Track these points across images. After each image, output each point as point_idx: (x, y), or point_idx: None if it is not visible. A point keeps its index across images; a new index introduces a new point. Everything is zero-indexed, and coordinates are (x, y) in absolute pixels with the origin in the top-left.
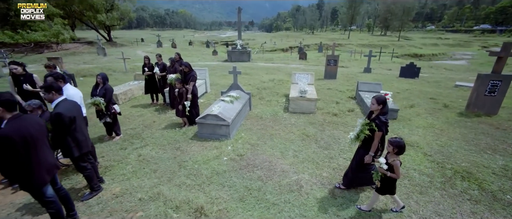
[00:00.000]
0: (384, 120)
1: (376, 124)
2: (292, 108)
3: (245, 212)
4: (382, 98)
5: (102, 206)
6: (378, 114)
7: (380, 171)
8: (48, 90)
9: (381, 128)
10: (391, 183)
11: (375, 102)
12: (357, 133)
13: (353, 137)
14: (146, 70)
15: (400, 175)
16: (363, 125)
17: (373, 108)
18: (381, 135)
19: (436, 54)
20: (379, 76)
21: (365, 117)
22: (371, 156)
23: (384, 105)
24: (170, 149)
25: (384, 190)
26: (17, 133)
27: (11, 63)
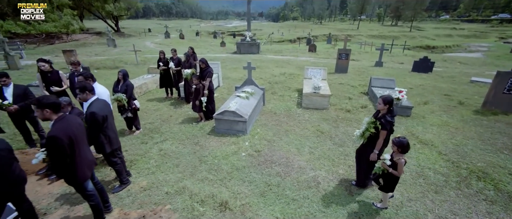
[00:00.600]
0: (389, 120)
1: (381, 123)
2: (305, 103)
3: (266, 207)
4: (388, 98)
5: (132, 199)
6: (384, 113)
7: (383, 166)
8: (82, 90)
9: (386, 127)
10: (393, 180)
11: (381, 102)
12: (363, 131)
13: (359, 134)
14: (161, 65)
15: (401, 173)
16: (368, 123)
17: (379, 108)
18: (385, 133)
19: (449, 46)
20: (391, 70)
21: (372, 115)
22: (376, 153)
23: (391, 105)
24: (189, 144)
25: (387, 188)
26: (64, 133)
27: (39, 60)
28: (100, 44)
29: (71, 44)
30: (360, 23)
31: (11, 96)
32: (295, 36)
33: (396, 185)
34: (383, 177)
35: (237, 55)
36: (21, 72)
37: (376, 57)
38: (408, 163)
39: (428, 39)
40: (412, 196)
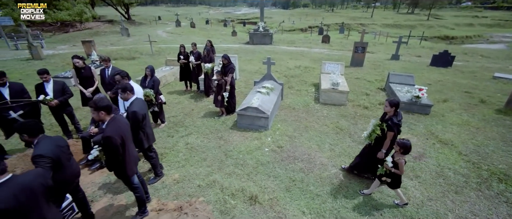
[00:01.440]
0: (396, 122)
1: (388, 125)
2: (323, 99)
3: (292, 202)
4: (395, 101)
5: (167, 190)
6: (391, 116)
7: (386, 167)
8: (124, 90)
9: (393, 129)
10: (397, 178)
11: (388, 105)
12: (369, 132)
13: (366, 135)
14: (182, 58)
15: (403, 172)
16: (375, 126)
17: (386, 110)
18: (393, 135)
19: (470, 36)
20: (408, 64)
21: (379, 118)
22: (383, 152)
23: (397, 108)
24: (214, 138)
25: (394, 185)
26: (117, 133)
27: (74, 57)
28: (113, 33)
29: (84, 32)
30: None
31: (52, 91)
32: (307, 24)
33: (401, 181)
34: (388, 176)
35: (250, 45)
36: (44, 62)
37: (392, 49)
38: (428, 163)
39: (447, 29)
40: (432, 196)
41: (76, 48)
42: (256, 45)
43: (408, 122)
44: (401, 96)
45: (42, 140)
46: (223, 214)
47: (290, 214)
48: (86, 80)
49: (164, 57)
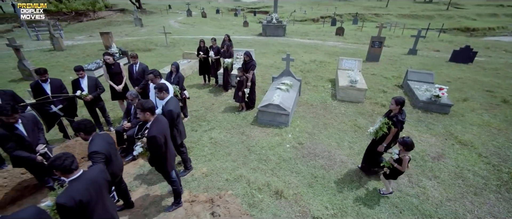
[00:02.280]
0: (401, 119)
1: (393, 122)
2: (341, 96)
3: (315, 197)
4: (400, 99)
5: (197, 183)
6: (396, 113)
7: (390, 161)
8: (160, 90)
9: (397, 125)
10: (396, 172)
11: (394, 103)
12: (376, 129)
13: (372, 132)
14: (201, 53)
15: (405, 169)
16: (382, 123)
17: (392, 108)
18: (396, 131)
19: (493, 27)
20: (426, 59)
21: (384, 114)
22: (384, 146)
23: (402, 106)
24: (236, 134)
25: (389, 176)
26: (161, 133)
27: (105, 54)
28: (126, 22)
29: (98, 22)
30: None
31: (86, 86)
32: (318, 14)
33: (398, 176)
34: (390, 170)
35: (263, 37)
36: (66, 54)
37: (409, 43)
38: (446, 163)
39: (468, 20)
40: (451, 196)
41: (93, 38)
42: (269, 37)
43: (427, 121)
44: (419, 94)
45: (95, 138)
46: (251, 207)
47: (313, 208)
48: (115, 76)
49: (179, 49)
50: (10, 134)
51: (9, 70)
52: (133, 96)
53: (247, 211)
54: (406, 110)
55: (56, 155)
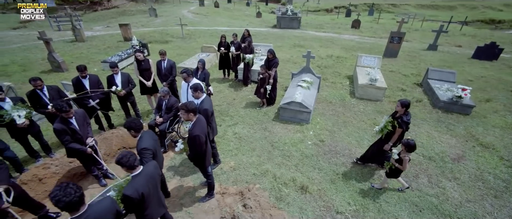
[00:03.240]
0: (406, 120)
1: (398, 122)
2: (359, 94)
3: (338, 193)
4: (406, 102)
5: (226, 176)
6: (401, 114)
7: (391, 162)
8: (196, 90)
9: (402, 126)
10: (397, 172)
11: (399, 105)
12: (381, 128)
13: (378, 130)
14: (222, 49)
15: (406, 168)
16: (387, 122)
17: (398, 109)
18: (401, 131)
19: None
20: (447, 56)
21: (390, 115)
22: (390, 145)
23: (408, 108)
24: (259, 129)
25: (390, 175)
26: (202, 132)
27: (136, 51)
28: (140, 12)
29: (112, 11)
30: None
31: (120, 82)
32: (332, 4)
33: (400, 175)
34: (390, 169)
35: (277, 30)
36: (88, 45)
37: (429, 37)
38: (467, 165)
39: (493, 10)
40: (470, 198)
41: (111, 29)
42: (284, 29)
43: (447, 122)
44: (440, 94)
45: (144, 135)
46: (278, 201)
47: (337, 204)
48: (145, 72)
49: (195, 41)
50: (66, 128)
51: (38, 61)
52: (165, 93)
53: (275, 204)
54: (426, 109)
55: (121, 153)
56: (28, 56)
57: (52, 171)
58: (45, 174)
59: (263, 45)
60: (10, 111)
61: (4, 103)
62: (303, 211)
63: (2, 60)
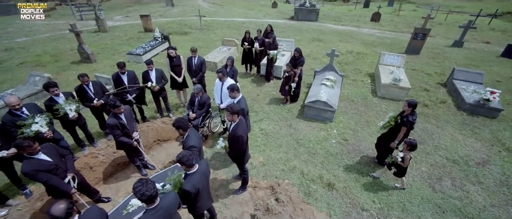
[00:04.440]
0: (411, 120)
1: (403, 121)
2: (382, 93)
3: (363, 191)
4: (413, 102)
5: (256, 171)
6: (408, 114)
7: (394, 159)
8: (233, 90)
9: (407, 125)
10: (401, 169)
11: (406, 105)
12: (384, 124)
13: (381, 126)
14: (246, 44)
15: (407, 165)
16: (390, 118)
17: (404, 109)
18: (406, 130)
19: None
20: (473, 53)
21: (398, 114)
22: (396, 143)
23: (414, 108)
24: (284, 126)
25: (399, 174)
26: (245, 132)
27: (169, 48)
28: (155, 1)
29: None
30: None
31: (155, 78)
32: None
33: (405, 172)
34: (394, 166)
35: (295, 22)
36: (111, 35)
37: (454, 32)
38: (492, 170)
39: None
40: (495, 203)
41: (130, 19)
42: (301, 22)
43: (472, 125)
44: (466, 96)
45: (191, 133)
46: (307, 196)
47: (362, 201)
48: (176, 67)
49: (214, 33)
50: (117, 123)
51: (67, 52)
52: (198, 90)
53: (304, 199)
54: (450, 111)
55: (182, 153)
56: (58, 46)
57: (100, 160)
58: (94, 163)
59: (284, 40)
60: (63, 105)
61: (59, 98)
62: (330, 207)
63: (35, 50)
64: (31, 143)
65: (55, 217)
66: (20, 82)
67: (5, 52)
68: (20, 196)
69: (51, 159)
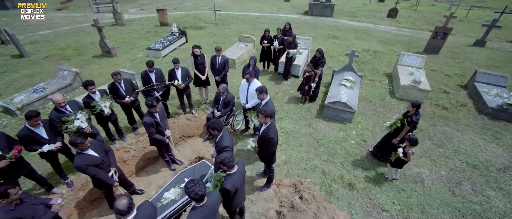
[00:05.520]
0: (414, 120)
1: (408, 121)
2: (400, 94)
3: (382, 192)
4: (417, 103)
5: (279, 169)
6: (412, 114)
7: (397, 155)
8: (261, 92)
9: (410, 124)
10: (401, 163)
11: (410, 106)
12: (391, 124)
13: (388, 125)
14: (265, 42)
15: (410, 160)
16: (397, 119)
17: (409, 109)
18: (408, 129)
19: None
20: (496, 53)
21: (402, 114)
22: (398, 140)
23: (418, 108)
24: (304, 126)
25: (394, 165)
26: (276, 134)
27: (194, 46)
28: None
29: None
30: None
31: (180, 76)
32: None
33: (402, 166)
34: (396, 160)
35: (309, 17)
36: (128, 29)
37: (475, 30)
38: None
39: None
40: None
41: (145, 12)
42: (315, 17)
43: (493, 130)
44: (488, 99)
45: (225, 134)
46: (329, 195)
47: (382, 202)
48: (200, 66)
49: (229, 28)
50: (153, 121)
51: (88, 45)
52: (224, 90)
53: (326, 198)
54: (470, 115)
55: (224, 155)
56: (79, 40)
57: (132, 155)
58: (127, 157)
59: (302, 38)
60: (99, 102)
61: (95, 95)
62: (351, 206)
63: (59, 44)
64: (83, 140)
65: (120, 211)
66: (48, 75)
67: (31, 45)
68: (62, 185)
69: (98, 155)
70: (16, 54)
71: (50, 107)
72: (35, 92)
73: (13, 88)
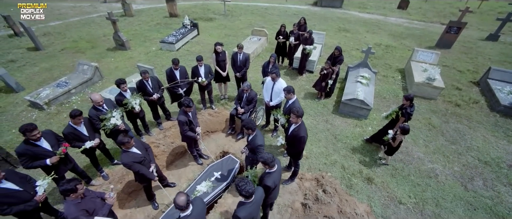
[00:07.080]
0: (409, 112)
1: (402, 112)
2: (413, 91)
3: (399, 186)
4: (410, 96)
5: (301, 164)
6: (406, 106)
7: (387, 137)
8: (289, 92)
9: (405, 116)
10: (392, 149)
11: (405, 99)
12: (388, 114)
13: (384, 116)
14: (281, 38)
15: (395, 145)
16: (393, 111)
17: (404, 102)
18: (403, 120)
19: None
20: (509, 48)
21: (398, 106)
22: (394, 131)
23: (412, 101)
24: (321, 121)
25: (388, 152)
26: (306, 133)
27: (217, 44)
28: None
29: None
30: None
31: (203, 73)
32: None
33: (394, 152)
34: (388, 147)
35: (318, 8)
36: (137, 20)
37: (489, 23)
38: None
39: None
40: None
41: (152, 2)
42: (325, 8)
43: (505, 127)
44: (501, 97)
45: (258, 133)
46: (349, 189)
47: (399, 195)
48: (221, 62)
49: (239, 19)
50: (187, 120)
51: (101, 38)
52: (248, 88)
53: (347, 191)
54: (482, 112)
55: (266, 155)
56: (91, 32)
57: (161, 150)
58: (157, 152)
59: (315, 32)
60: (130, 99)
61: (127, 93)
62: (370, 199)
63: (72, 36)
64: (129, 139)
65: (180, 206)
66: (67, 69)
67: (44, 37)
68: (98, 177)
69: (140, 152)
70: (31, 46)
71: (74, 102)
72: (59, 87)
73: (35, 82)
